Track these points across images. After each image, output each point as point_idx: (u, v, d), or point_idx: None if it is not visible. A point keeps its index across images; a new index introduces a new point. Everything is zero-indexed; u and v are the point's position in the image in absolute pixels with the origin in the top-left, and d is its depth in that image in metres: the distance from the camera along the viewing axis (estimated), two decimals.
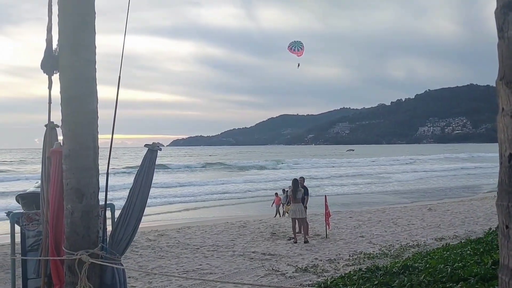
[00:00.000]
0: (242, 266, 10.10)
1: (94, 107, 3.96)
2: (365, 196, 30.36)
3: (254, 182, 38.91)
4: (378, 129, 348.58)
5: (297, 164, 66.16)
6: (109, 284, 3.99)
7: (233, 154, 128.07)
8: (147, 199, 4.22)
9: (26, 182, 39.72)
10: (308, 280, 8.74)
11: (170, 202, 27.10)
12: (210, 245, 12.51)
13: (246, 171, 54.69)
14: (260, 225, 15.84)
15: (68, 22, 3.79)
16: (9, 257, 11.44)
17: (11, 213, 4.94)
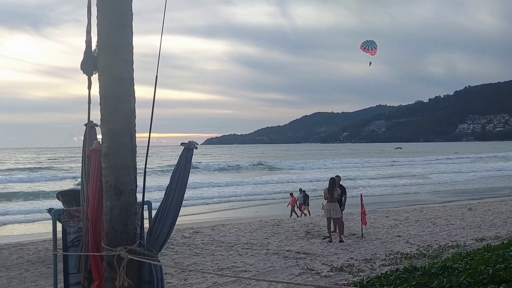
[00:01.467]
0: (277, 264, 10.13)
1: (131, 106, 4.06)
2: (402, 195, 29.88)
3: (293, 182, 38.43)
4: (415, 127, 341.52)
5: (340, 163, 64.81)
6: (146, 280, 4.08)
7: (268, 153, 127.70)
8: (184, 197, 4.29)
9: (66, 180, 41.02)
10: (344, 279, 8.69)
11: (207, 202, 27.32)
12: (244, 243, 12.59)
13: (285, 171, 54.00)
14: (294, 223, 15.84)
15: (107, 24, 3.90)
16: (50, 252, 11.87)
17: (53, 210, 5.11)
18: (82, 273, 4.56)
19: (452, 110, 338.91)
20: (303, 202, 20.64)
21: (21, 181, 41.72)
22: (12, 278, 9.63)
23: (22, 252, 12.23)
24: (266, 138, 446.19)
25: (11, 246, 13.12)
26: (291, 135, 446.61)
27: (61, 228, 5.01)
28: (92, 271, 4.33)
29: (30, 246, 13.02)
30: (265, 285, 8.37)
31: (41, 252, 12.07)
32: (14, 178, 43.39)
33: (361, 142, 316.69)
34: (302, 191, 21.28)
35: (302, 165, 61.69)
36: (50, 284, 8.94)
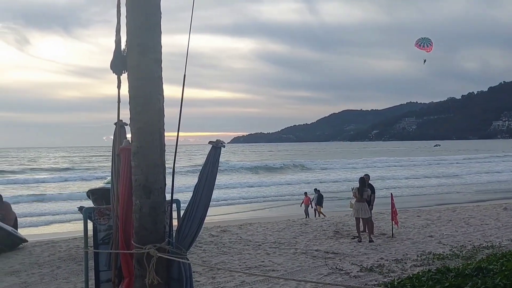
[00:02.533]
0: (305, 264, 10.11)
1: (160, 105, 4.12)
2: (434, 194, 29.40)
3: (324, 182, 38.08)
4: (447, 124, 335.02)
5: (378, 162, 63.79)
6: (176, 278, 4.14)
7: (297, 152, 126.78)
8: (212, 195, 4.33)
9: (96, 179, 41.80)
10: (374, 280, 8.61)
11: (234, 203, 27.40)
12: (272, 242, 12.60)
13: (316, 171, 53.47)
14: (322, 223, 15.76)
15: (136, 23, 3.96)
16: (81, 250, 12.13)
17: (84, 208, 5.23)
18: (113, 271, 4.65)
19: (486, 106, 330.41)
20: (318, 203, 20.52)
21: (52, 180, 42.79)
22: (44, 275, 9.88)
23: (53, 249, 12.54)
24: (293, 136, 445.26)
25: (43, 244, 13.47)
26: (319, 133, 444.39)
27: (91, 226, 5.12)
28: (122, 268, 4.41)
29: (62, 243, 13.33)
30: (293, 284, 8.36)
31: (72, 250, 12.35)
32: (46, 178, 44.53)
33: (391, 140, 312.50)
34: (317, 191, 21.15)
35: (333, 164, 60.98)
36: (81, 281, 9.14)
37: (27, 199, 29.64)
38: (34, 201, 28.49)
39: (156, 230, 4.13)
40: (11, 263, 11.10)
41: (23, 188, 37.79)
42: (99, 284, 4.97)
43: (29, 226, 19.68)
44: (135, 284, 4.15)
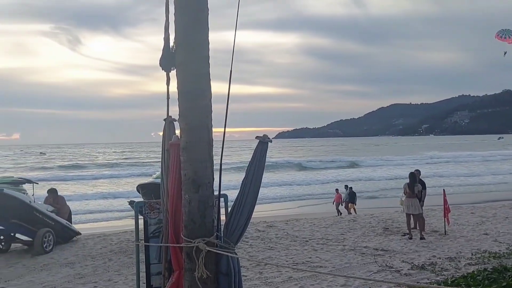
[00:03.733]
0: (353, 261, 10.00)
1: (208, 101, 4.16)
2: (489, 191, 28.37)
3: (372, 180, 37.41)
4: (503, 118, 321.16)
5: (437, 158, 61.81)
6: (224, 273, 4.19)
7: (344, 147, 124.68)
8: (259, 190, 4.35)
9: (145, 174, 42.85)
10: (426, 278, 8.41)
11: (279, 200, 27.32)
12: (319, 238, 12.54)
13: (364, 168, 52.19)
14: (371, 219, 15.52)
15: (184, 20, 4.02)
16: (131, 243, 12.49)
17: (135, 202, 5.37)
18: (163, 264, 4.75)
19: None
20: (350, 200, 20.21)
21: (103, 176, 44.26)
22: (97, 267, 10.25)
23: (105, 242, 12.98)
24: (339, 131, 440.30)
25: (95, 237, 13.98)
26: (366, 128, 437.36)
27: (142, 220, 5.26)
28: (172, 261, 4.50)
29: (113, 236, 13.78)
30: (341, 281, 8.29)
31: (123, 243, 12.74)
32: (97, 175, 46.08)
33: (442, 135, 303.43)
34: (348, 188, 20.82)
35: (387, 160, 59.53)
36: (132, 274, 9.43)
37: (79, 194, 30.80)
38: (85, 197, 29.51)
39: (204, 224, 4.19)
40: (65, 255, 11.58)
41: (76, 184, 39.31)
42: (150, 276, 5.11)
43: (81, 220, 20.42)
44: (184, 277, 4.23)
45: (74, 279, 9.36)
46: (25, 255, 11.87)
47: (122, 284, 8.83)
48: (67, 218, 13.69)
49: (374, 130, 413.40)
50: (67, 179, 41.85)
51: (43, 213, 12.53)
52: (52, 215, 12.85)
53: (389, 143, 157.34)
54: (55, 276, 9.62)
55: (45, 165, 66.58)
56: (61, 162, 73.87)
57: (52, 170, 56.67)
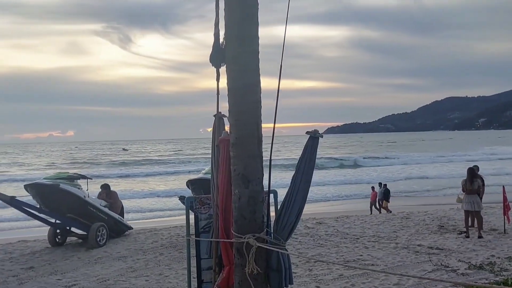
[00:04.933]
0: (407, 259, 9.80)
1: (258, 96, 4.19)
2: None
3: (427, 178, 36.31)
4: None
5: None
6: (274, 269, 4.21)
7: (396, 143, 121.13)
8: (310, 186, 4.34)
9: (194, 169, 43.57)
10: (484, 278, 8.13)
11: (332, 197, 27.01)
12: (370, 236, 12.36)
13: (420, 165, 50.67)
14: (425, 216, 15.14)
15: (234, 16, 4.06)
16: (181, 238, 12.74)
17: (186, 197, 5.49)
18: (213, 259, 4.84)
19: None
20: (383, 198, 19.76)
21: (153, 173, 45.33)
22: (148, 261, 10.54)
23: (156, 237, 13.32)
24: (391, 126, 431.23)
25: (146, 231, 14.36)
26: (420, 122, 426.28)
27: (193, 215, 5.37)
28: (223, 257, 4.58)
29: (163, 231, 14.12)
30: (395, 280, 8.15)
31: (173, 238, 13.03)
32: (147, 171, 47.23)
33: (500, 129, 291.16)
34: (382, 185, 20.33)
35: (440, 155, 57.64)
36: (182, 268, 9.63)
37: (129, 189, 31.71)
38: (135, 193, 30.34)
39: (254, 220, 4.22)
40: (118, 249, 11.96)
41: (126, 180, 40.50)
42: (201, 271, 5.21)
43: (132, 215, 21.03)
44: (235, 272, 4.29)
45: (127, 272, 9.66)
46: (80, 248, 12.35)
47: (173, 278, 9.04)
48: (119, 212, 14.13)
49: (428, 125, 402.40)
50: (117, 175, 43.13)
51: (97, 207, 12.99)
52: (105, 210, 13.30)
53: (445, 138, 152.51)
54: (108, 269, 9.96)
55: (100, 161, 68.98)
56: (115, 158, 76.36)
57: (101, 166, 58.64)
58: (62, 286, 8.80)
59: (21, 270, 10.06)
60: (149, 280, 9.00)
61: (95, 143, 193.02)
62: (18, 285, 8.95)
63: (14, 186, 33.02)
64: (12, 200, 11.73)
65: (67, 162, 69.01)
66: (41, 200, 12.25)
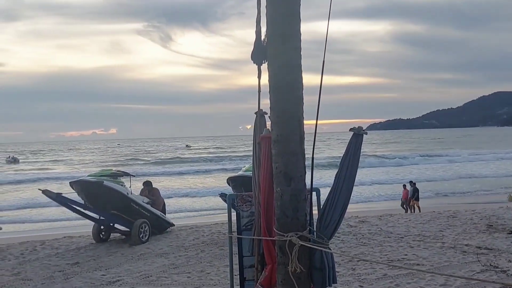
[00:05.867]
0: (454, 259, 9.56)
1: (300, 93, 4.17)
2: None
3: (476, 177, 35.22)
4: None
5: None
6: (318, 268, 4.18)
7: (442, 140, 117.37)
8: (354, 184, 4.30)
9: (234, 167, 43.87)
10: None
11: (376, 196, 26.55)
12: (415, 235, 12.13)
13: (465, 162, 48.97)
14: (473, 215, 14.72)
15: (276, 12, 4.05)
16: (222, 235, 12.87)
17: (228, 194, 5.52)
18: (255, 257, 4.85)
19: None
20: (412, 196, 19.28)
21: (193, 171, 45.90)
22: (190, 258, 10.70)
23: (197, 233, 13.50)
24: (436, 122, 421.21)
25: (188, 228, 14.57)
26: (466, 118, 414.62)
27: (234, 212, 5.40)
28: (265, 255, 4.58)
29: (204, 228, 14.29)
30: (441, 280, 7.97)
31: (214, 235, 13.17)
32: (187, 168, 47.87)
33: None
34: (412, 184, 19.81)
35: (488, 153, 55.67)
36: (223, 265, 9.73)
37: (170, 186, 32.23)
38: (177, 190, 30.82)
39: (297, 218, 4.21)
40: (160, 245, 12.19)
41: (167, 177, 41.18)
42: (243, 269, 5.23)
43: (174, 212, 21.38)
44: (277, 271, 4.28)
45: (169, 269, 9.84)
46: (123, 244, 12.66)
47: (214, 275, 9.14)
48: (161, 209, 14.40)
49: (475, 121, 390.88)
50: (158, 173, 43.88)
51: (140, 204, 13.27)
52: (148, 207, 13.58)
53: (493, 134, 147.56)
54: (151, 266, 10.17)
55: (141, 158, 70.47)
56: (160, 154, 77.85)
57: (142, 163, 59.85)
58: (106, 281, 9.04)
59: (67, 266, 10.41)
60: (191, 276, 9.14)
61: (136, 141, 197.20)
62: (64, 280, 9.26)
63: (59, 183, 34.17)
64: (58, 197, 12.14)
65: (110, 160, 70.84)
66: (85, 197, 12.62)
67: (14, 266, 10.53)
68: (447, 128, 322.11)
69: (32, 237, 15.05)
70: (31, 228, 19.24)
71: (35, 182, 37.84)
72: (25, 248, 12.36)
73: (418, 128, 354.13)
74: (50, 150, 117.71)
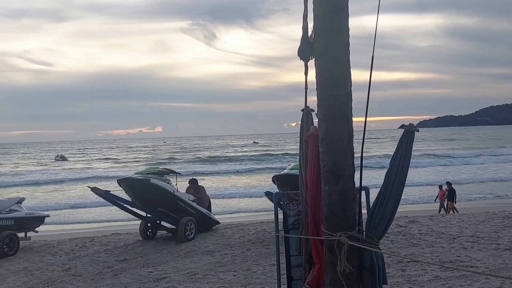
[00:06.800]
0: (510, 261, 9.22)
1: (348, 89, 4.12)
2: None
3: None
4: None
5: None
6: (367, 268, 4.14)
7: (498, 137, 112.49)
8: (405, 183, 4.22)
9: (279, 165, 43.86)
10: None
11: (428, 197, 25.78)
12: (468, 236, 11.77)
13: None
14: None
15: (324, 7, 4.02)
16: (268, 234, 12.90)
17: (274, 193, 5.54)
18: (303, 256, 4.85)
19: None
20: (448, 198, 18.59)
21: (238, 169, 46.18)
22: (235, 256, 10.78)
23: (243, 232, 13.59)
24: (490, 118, 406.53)
25: (233, 226, 14.69)
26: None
27: (281, 211, 5.41)
28: (313, 254, 4.56)
29: (250, 226, 14.37)
30: (496, 283, 7.70)
31: (260, 233, 13.22)
32: (234, 167, 48.14)
33: None
34: (448, 184, 19.06)
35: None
36: (269, 264, 9.76)
37: (215, 185, 32.56)
38: (221, 188, 31.09)
39: (346, 217, 4.17)
40: (206, 243, 12.35)
41: (213, 176, 41.64)
42: (290, 268, 5.24)
43: (219, 210, 21.60)
44: (326, 271, 4.26)
45: (215, 267, 9.95)
46: (170, 242, 12.90)
47: (260, 274, 9.17)
48: (206, 207, 14.57)
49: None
50: (203, 172, 44.37)
51: (186, 202, 13.48)
52: (194, 204, 13.78)
53: None
54: (197, 263, 10.32)
55: (186, 156, 71.60)
56: (206, 152, 78.90)
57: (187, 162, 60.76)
58: (153, 278, 9.24)
59: (115, 262, 10.70)
60: (237, 275, 9.21)
61: (182, 139, 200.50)
62: (112, 276, 9.53)
63: (107, 181, 35.19)
64: (106, 194, 12.51)
65: (156, 157, 72.34)
66: (133, 194, 12.95)
67: (64, 262, 10.93)
68: (502, 125, 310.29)
69: (81, 233, 15.59)
70: (79, 226, 19.87)
71: (83, 180, 39.16)
72: (75, 244, 12.80)
73: (471, 125, 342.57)
74: (98, 149, 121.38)
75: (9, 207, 12.30)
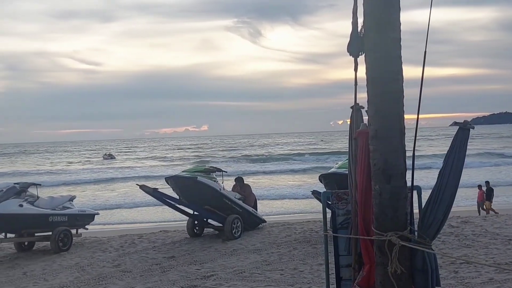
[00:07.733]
0: None
1: (400, 86, 4.05)
2: None
3: None
4: None
5: None
6: (419, 269, 4.06)
7: None
8: (459, 183, 4.11)
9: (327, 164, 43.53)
10: None
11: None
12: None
13: None
14: None
15: (374, 2, 3.97)
16: (315, 233, 12.85)
17: (323, 192, 5.51)
18: (353, 256, 4.80)
19: None
20: (486, 197, 17.72)
21: (284, 168, 46.03)
22: (282, 255, 10.79)
23: (289, 231, 13.58)
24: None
25: (279, 225, 14.71)
26: None
27: (329, 210, 5.38)
28: (363, 254, 4.51)
29: (296, 225, 14.35)
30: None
31: (307, 232, 13.18)
32: (279, 166, 48.09)
33: None
34: (487, 184, 18.14)
35: None
36: (317, 264, 9.71)
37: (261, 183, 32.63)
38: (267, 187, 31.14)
39: (397, 217, 4.11)
40: (253, 241, 12.42)
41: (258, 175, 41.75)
42: (339, 268, 5.20)
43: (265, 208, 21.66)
44: (376, 271, 4.21)
45: (262, 265, 9.99)
46: (217, 239, 13.05)
47: (307, 273, 9.14)
48: (253, 206, 14.66)
49: None
50: (250, 171, 44.46)
51: (232, 200, 13.61)
52: (240, 203, 13.88)
53: None
54: (244, 261, 10.38)
55: (232, 155, 72.19)
56: (246, 152, 79.35)
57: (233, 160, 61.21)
58: (201, 276, 9.38)
59: (163, 259, 10.92)
60: (284, 274, 9.21)
61: (228, 137, 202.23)
62: (161, 273, 9.73)
63: (155, 179, 35.90)
64: (154, 192, 12.79)
65: (202, 155, 73.31)
66: (180, 192, 13.17)
67: (114, 258, 11.25)
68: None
69: (130, 230, 15.99)
70: (127, 224, 20.32)
71: (131, 178, 40.14)
72: (124, 241, 13.16)
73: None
74: (146, 147, 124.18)
75: (62, 204, 12.79)
